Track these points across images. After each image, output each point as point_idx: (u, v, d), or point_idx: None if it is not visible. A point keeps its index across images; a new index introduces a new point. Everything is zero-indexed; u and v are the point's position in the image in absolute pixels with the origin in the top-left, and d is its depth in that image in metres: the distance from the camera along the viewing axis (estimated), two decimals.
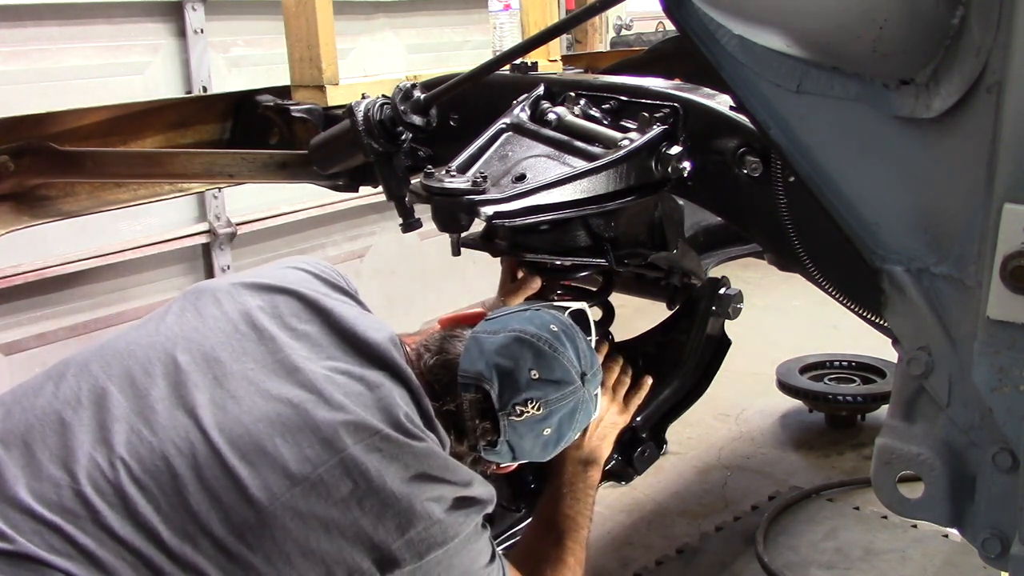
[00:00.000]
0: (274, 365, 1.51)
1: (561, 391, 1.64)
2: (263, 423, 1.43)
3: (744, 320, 2.27)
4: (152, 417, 1.44)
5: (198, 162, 2.35)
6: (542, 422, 1.62)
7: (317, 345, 1.56)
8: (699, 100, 1.80)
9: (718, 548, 3.03)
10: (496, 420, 1.61)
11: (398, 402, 1.51)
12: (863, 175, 1.33)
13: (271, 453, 1.41)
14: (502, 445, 1.63)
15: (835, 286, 1.58)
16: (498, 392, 1.60)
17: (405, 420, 1.50)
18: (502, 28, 2.69)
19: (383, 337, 1.60)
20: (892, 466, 1.35)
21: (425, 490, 1.47)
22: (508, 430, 1.61)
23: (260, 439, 1.42)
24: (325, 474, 1.41)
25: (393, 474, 1.44)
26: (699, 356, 2.28)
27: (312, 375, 1.50)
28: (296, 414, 1.45)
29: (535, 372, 1.62)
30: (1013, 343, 1.16)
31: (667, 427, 2.29)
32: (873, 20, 1.14)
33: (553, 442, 1.67)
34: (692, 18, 1.36)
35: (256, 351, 1.53)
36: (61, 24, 3.51)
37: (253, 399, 1.46)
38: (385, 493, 1.43)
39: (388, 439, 1.46)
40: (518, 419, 1.60)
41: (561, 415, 1.64)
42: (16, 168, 2.23)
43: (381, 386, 1.52)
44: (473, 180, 1.71)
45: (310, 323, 1.59)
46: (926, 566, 2.85)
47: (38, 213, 2.41)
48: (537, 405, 1.61)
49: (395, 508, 1.44)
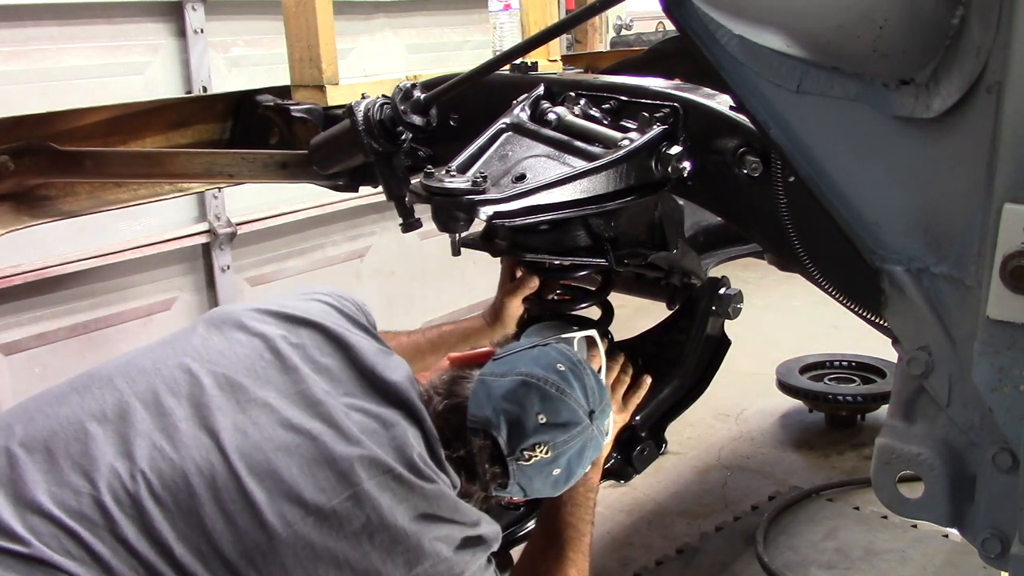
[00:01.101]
0: (295, 396, 1.54)
1: (569, 433, 1.67)
2: (282, 452, 1.47)
3: (744, 320, 2.28)
4: (175, 435, 1.47)
5: (198, 162, 2.35)
6: (551, 464, 1.66)
7: (337, 380, 1.60)
8: (699, 100, 1.80)
9: (718, 548, 3.03)
10: (505, 464, 1.65)
11: (411, 443, 1.55)
12: (863, 175, 1.33)
13: (287, 481, 1.44)
14: (512, 486, 1.67)
15: (835, 286, 1.58)
16: (506, 439, 1.64)
17: (418, 460, 1.54)
18: (502, 28, 2.69)
19: (401, 377, 1.64)
20: (892, 466, 1.35)
21: (434, 529, 1.51)
22: (517, 473, 1.65)
23: (278, 467, 1.45)
24: (339, 507, 1.45)
25: (404, 512, 1.48)
26: (699, 356, 2.28)
27: (331, 409, 1.53)
28: (314, 446, 1.48)
29: (542, 416, 1.64)
30: (1013, 343, 1.16)
31: (666, 426, 2.30)
32: (873, 20, 1.14)
33: (563, 480, 1.71)
34: (692, 18, 1.36)
35: (279, 380, 1.56)
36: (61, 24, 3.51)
37: (274, 427, 1.49)
38: (396, 530, 1.46)
39: (401, 478, 1.50)
40: (527, 463, 1.64)
41: (570, 455, 1.68)
42: (16, 168, 2.23)
43: (396, 425, 1.56)
44: (473, 180, 1.71)
45: (332, 357, 1.63)
46: (926, 566, 2.85)
47: (38, 213, 2.41)
48: (545, 449, 1.64)
49: (404, 544, 1.47)
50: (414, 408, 1.61)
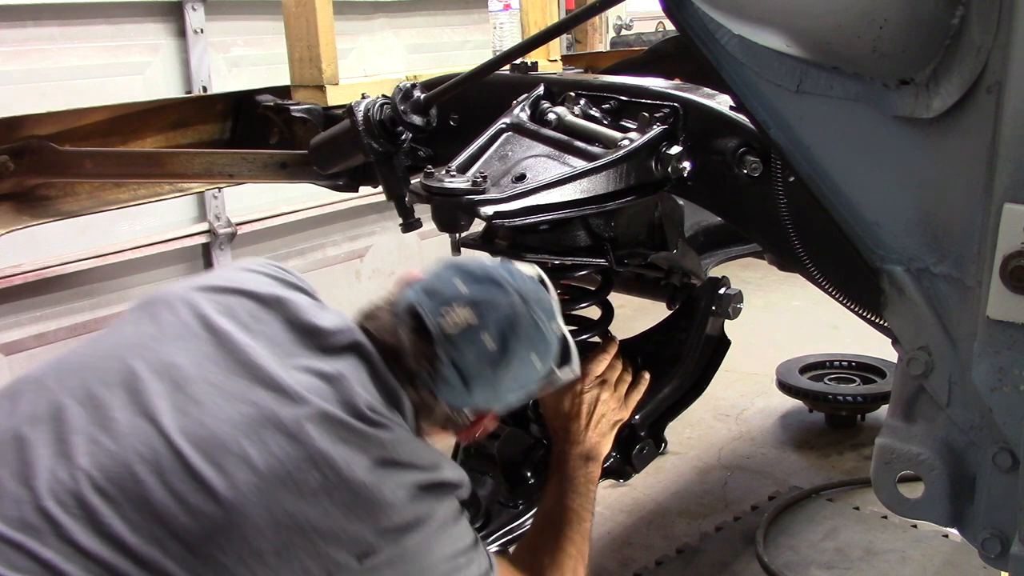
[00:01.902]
0: (234, 366, 1.50)
1: (490, 293, 1.59)
2: (226, 424, 1.42)
3: (744, 320, 2.27)
4: (112, 426, 1.42)
5: (198, 162, 2.35)
6: (479, 331, 1.56)
7: (276, 343, 1.55)
8: (699, 100, 1.80)
9: (718, 548, 3.03)
10: (430, 334, 1.56)
11: (359, 392, 1.50)
12: (863, 175, 1.33)
13: (237, 453, 1.40)
14: (447, 369, 1.56)
15: (835, 286, 1.58)
16: (426, 305, 1.57)
17: (367, 410, 1.49)
18: (502, 28, 2.69)
19: (339, 323, 1.58)
20: (892, 466, 1.35)
21: (393, 477, 1.46)
22: (446, 345, 1.55)
23: (224, 440, 1.41)
24: (293, 469, 1.40)
25: (361, 464, 1.43)
26: (699, 355, 2.28)
27: (272, 373, 1.48)
28: (259, 412, 1.44)
29: (459, 281, 1.59)
30: (1013, 343, 1.16)
31: (666, 425, 2.29)
32: (873, 20, 1.14)
33: (503, 363, 1.58)
34: (692, 18, 1.36)
35: (214, 353, 1.51)
36: (61, 24, 3.51)
37: (215, 401, 1.45)
38: (354, 484, 1.42)
39: (353, 430, 1.45)
40: (452, 329, 1.55)
41: (499, 322, 1.57)
42: (16, 168, 2.23)
43: (341, 378, 1.50)
44: (473, 180, 1.71)
45: (267, 322, 1.58)
46: (926, 566, 2.85)
47: (38, 213, 2.42)
48: (465, 307, 1.56)
49: (365, 497, 1.42)
50: (359, 348, 1.56)
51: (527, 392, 1.69)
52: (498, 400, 1.65)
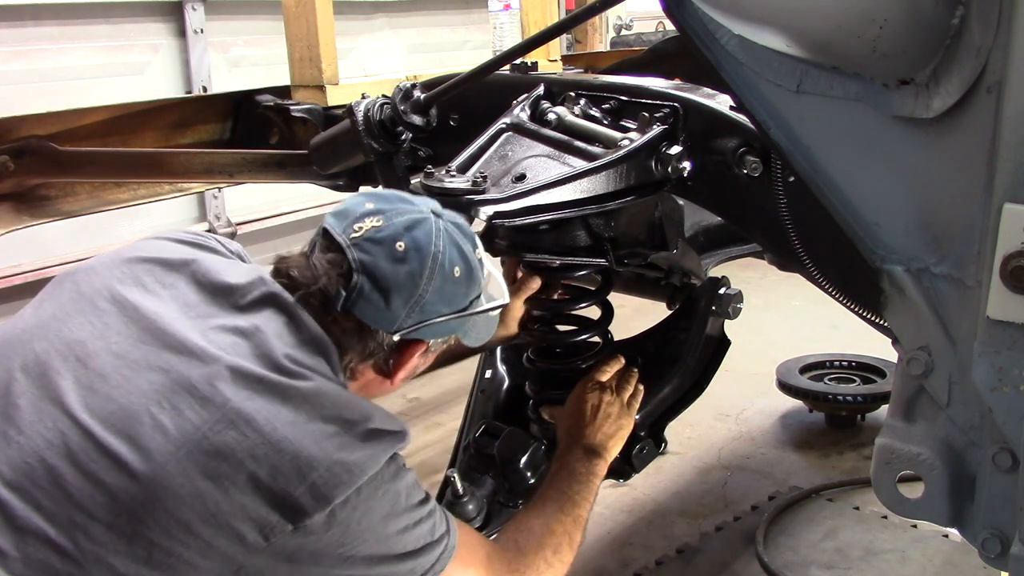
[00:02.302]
0: (140, 334, 1.42)
1: (400, 205, 1.54)
2: (135, 395, 1.35)
3: (744, 320, 2.27)
4: (15, 415, 1.35)
5: (198, 162, 2.36)
6: (388, 234, 1.50)
7: (185, 305, 1.47)
8: (699, 100, 1.80)
9: (718, 548, 3.03)
10: (340, 247, 1.50)
11: (276, 344, 1.43)
12: (863, 175, 1.33)
13: (148, 423, 1.33)
14: (360, 277, 1.48)
15: (835, 286, 1.58)
16: (335, 225, 1.52)
17: (287, 361, 1.41)
18: (502, 28, 2.70)
19: (251, 277, 1.51)
20: (892, 466, 1.35)
21: (317, 428, 1.38)
22: (354, 251, 1.49)
23: (135, 412, 1.33)
24: (209, 432, 1.33)
25: (283, 419, 1.36)
26: (698, 355, 2.28)
27: (181, 335, 1.41)
28: (168, 378, 1.36)
29: (369, 201, 1.55)
30: (1013, 343, 1.16)
31: (666, 425, 2.29)
32: (873, 20, 1.14)
33: (420, 271, 1.50)
34: (692, 18, 1.36)
35: (118, 323, 1.44)
36: (61, 24, 3.51)
37: (122, 373, 1.37)
38: (276, 439, 1.34)
39: (270, 383, 1.38)
40: (358, 234, 1.49)
41: (410, 227, 1.51)
42: (16, 168, 2.23)
43: (256, 331, 1.43)
44: (473, 180, 1.71)
45: (175, 285, 1.50)
46: (926, 566, 2.85)
47: (38, 213, 2.42)
48: (376, 218, 1.51)
49: (289, 453, 1.34)
50: (275, 298, 1.48)
51: (458, 320, 1.58)
52: (426, 320, 1.53)
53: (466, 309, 1.59)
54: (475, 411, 2.38)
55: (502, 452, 2.13)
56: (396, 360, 1.59)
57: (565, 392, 2.14)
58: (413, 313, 1.52)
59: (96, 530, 1.29)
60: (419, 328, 1.54)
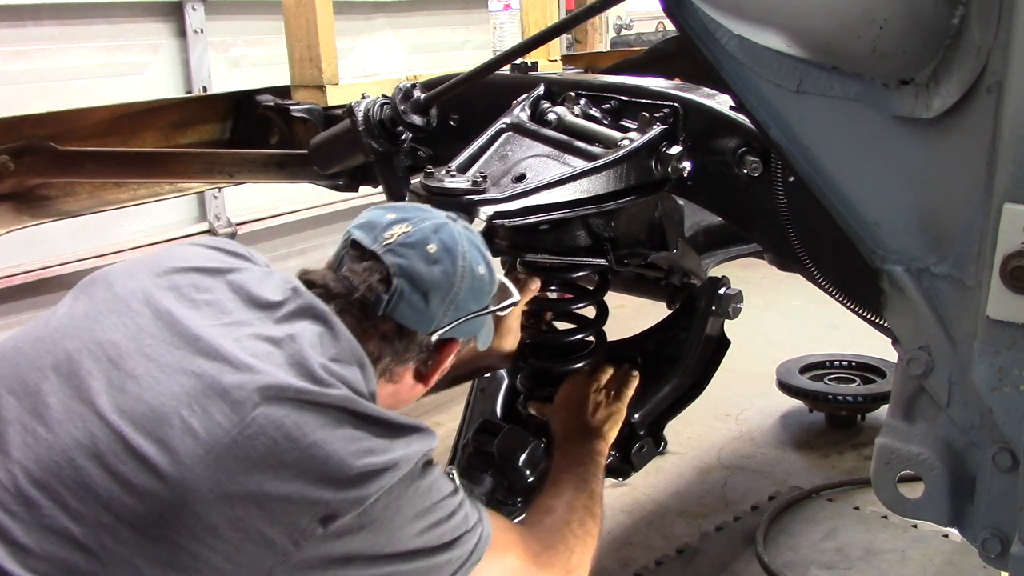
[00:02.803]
0: (173, 338, 1.42)
1: (421, 212, 1.60)
2: (166, 397, 1.34)
3: (744, 320, 2.28)
4: (46, 413, 1.35)
5: (198, 162, 2.36)
6: (420, 238, 1.55)
7: (220, 312, 1.47)
8: (699, 100, 1.80)
9: (718, 548, 3.03)
10: (375, 255, 1.54)
11: (310, 354, 1.43)
12: (863, 175, 1.33)
13: (178, 426, 1.32)
14: (399, 279, 1.52)
15: (835, 286, 1.58)
16: (364, 237, 1.56)
17: (320, 370, 1.41)
18: (502, 28, 2.70)
19: (287, 289, 1.52)
20: (892, 466, 1.35)
21: (349, 434, 1.38)
22: (391, 257, 1.53)
23: (165, 414, 1.33)
24: (239, 436, 1.32)
25: (312, 424, 1.35)
26: (698, 355, 2.29)
27: (215, 342, 1.41)
28: (201, 383, 1.36)
29: (388, 212, 1.59)
30: (1013, 343, 1.16)
31: (665, 424, 2.30)
32: (873, 20, 1.14)
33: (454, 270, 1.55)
34: (692, 18, 1.36)
35: (153, 327, 1.43)
36: (61, 24, 3.51)
37: (153, 375, 1.37)
38: (306, 444, 1.34)
39: (303, 391, 1.37)
40: (390, 241, 1.54)
41: (437, 231, 1.56)
42: (16, 168, 2.23)
43: (292, 340, 1.44)
44: (473, 180, 1.71)
45: (209, 291, 1.50)
46: (926, 566, 2.85)
47: (38, 213, 2.41)
48: (403, 225, 1.56)
49: (319, 458, 1.34)
50: (312, 310, 1.49)
51: (483, 317, 1.64)
52: (459, 318, 1.58)
53: (488, 306, 1.64)
54: (474, 409, 2.38)
55: (501, 450, 2.14)
56: (434, 360, 1.63)
57: (553, 389, 2.16)
58: (449, 312, 1.57)
59: (123, 532, 1.28)
60: (453, 327, 1.59)
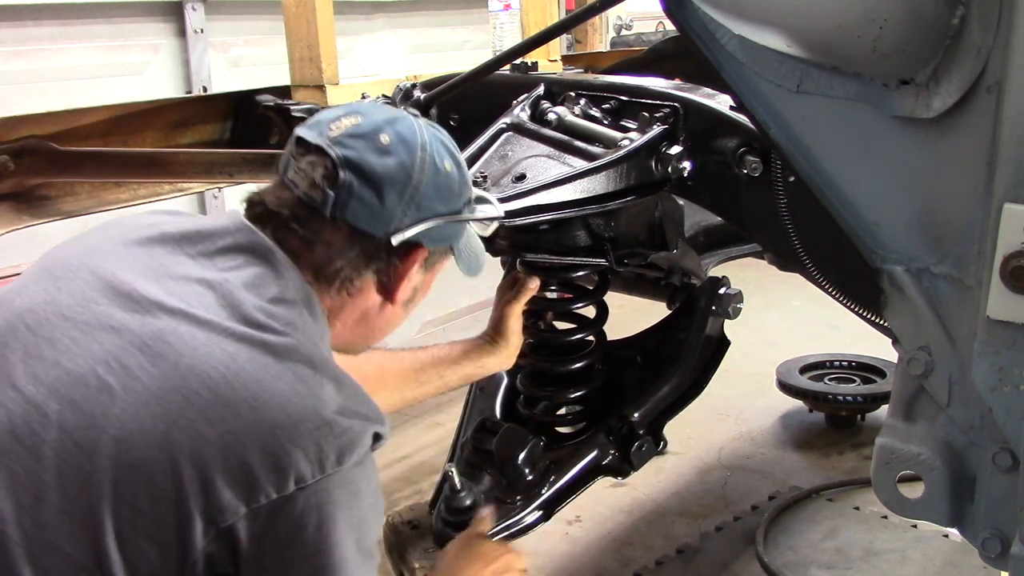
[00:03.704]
0: (92, 295, 1.30)
1: (371, 107, 1.46)
2: (82, 358, 1.23)
3: (744, 320, 2.27)
4: None
5: (198, 162, 2.35)
6: (369, 129, 1.38)
7: (148, 257, 1.35)
8: (699, 100, 1.80)
9: (718, 548, 3.03)
10: (321, 149, 1.37)
11: (245, 295, 1.29)
12: (863, 175, 1.33)
13: (94, 386, 1.20)
14: (346, 173, 1.35)
15: (835, 286, 1.59)
16: (308, 131, 1.40)
17: (257, 313, 1.27)
18: (502, 28, 2.69)
19: (225, 223, 1.40)
20: (892, 466, 1.35)
21: (287, 389, 1.22)
22: (336, 148, 1.36)
23: (81, 375, 1.21)
24: (155, 388, 1.18)
25: (245, 377, 1.21)
26: (698, 355, 2.29)
27: (138, 292, 1.28)
28: (119, 337, 1.24)
29: (342, 110, 1.44)
30: (1013, 343, 1.16)
31: (664, 424, 2.30)
32: (873, 20, 1.14)
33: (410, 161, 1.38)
34: (692, 18, 1.37)
35: (71, 287, 1.32)
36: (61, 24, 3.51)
37: (70, 335, 1.26)
38: (233, 400, 1.19)
39: (237, 336, 1.24)
40: (336, 133, 1.38)
41: (391, 122, 1.41)
42: (16, 168, 2.23)
43: (224, 282, 1.30)
44: (473, 180, 1.71)
45: (137, 243, 1.38)
46: (926, 566, 2.85)
47: (38, 213, 2.41)
48: (353, 117, 1.40)
49: (248, 418, 1.19)
50: (253, 245, 1.35)
51: (456, 225, 1.47)
52: (423, 218, 1.40)
53: (461, 212, 1.48)
54: (473, 408, 2.38)
55: (500, 448, 2.14)
56: (396, 271, 1.43)
57: None
58: (409, 210, 1.39)
59: (44, 512, 1.16)
60: (417, 230, 1.40)
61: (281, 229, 1.38)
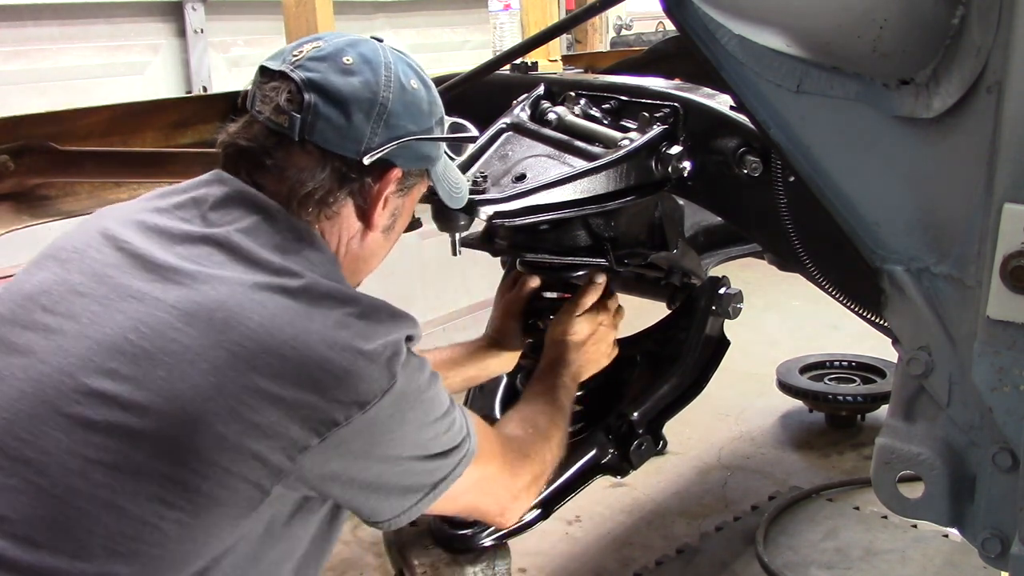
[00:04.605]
0: (103, 269, 1.30)
1: (334, 34, 1.45)
2: (109, 327, 1.23)
3: (744, 320, 2.27)
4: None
5: (198, 162, 2.35)
6: (330, 51, 1.38)
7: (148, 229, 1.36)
8: (699, 100, 1.80)
9: (718, 548, 3.03)
10: (283, 74, 1.37)
11: (250, 245, 1.30)
12: (863, 175, 1.33)
13: (130, 352, 1.20)
14: (309, 95, 1.34)
15: (835, 286, 1.59)
16: (271, 61, 1.40)
17: (268, 259, 1.29)
18: (502, 28, 2.69)
19: (207, 178, 1.40)
20: (892, 466, 1.35)
21: (328, 324, 1.24)
22: (298, 71, 1.35)
23: (114, 343, 1.21)
24: (197, 347, 1.19)
25: (280, 319, 1.22)
26: (698, 354, 2.28)
27: (155, 259, 1.29)
28: (143, 304, 1.24)
29: (305, 39, 1.45)
30: (1013, 343, 1.16)
31: (664, 423, 2.29)
32: (873, 20, 1.14)
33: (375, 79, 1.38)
34: (692, 18, 1.36)
35: (82, 266, 1.32)
36: (61, 24, 3.51)
37: (91, 310, 1.26)
38: (276, 343, 1.20)
39: (257, 285, 1.25)
40: (298, 58, 1.37)
41: (354, 45, 1.40)
42: (16, 168, 2.23)
43: (227, 236, 1.31)
44: (473, 180, 1.71)
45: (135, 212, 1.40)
46: (926, 566, 2.85)
47: (38, 213, 2.41)
48: (315, 43, 1.40)
49: (294, 359, 1.21)
50: (241, 195, 1.35)
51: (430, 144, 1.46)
52: (394, 138, 1.39)
53: (432, 132, 1.47)
54: (473, 407, 2.38)
55: None
56: (371, 192, 1.42)
57: None
58: (379, 131, 1.38)
59: (95, 473, 1.16)
60: (388, 149, 1.39)
61: (256, 169, 1.39)
